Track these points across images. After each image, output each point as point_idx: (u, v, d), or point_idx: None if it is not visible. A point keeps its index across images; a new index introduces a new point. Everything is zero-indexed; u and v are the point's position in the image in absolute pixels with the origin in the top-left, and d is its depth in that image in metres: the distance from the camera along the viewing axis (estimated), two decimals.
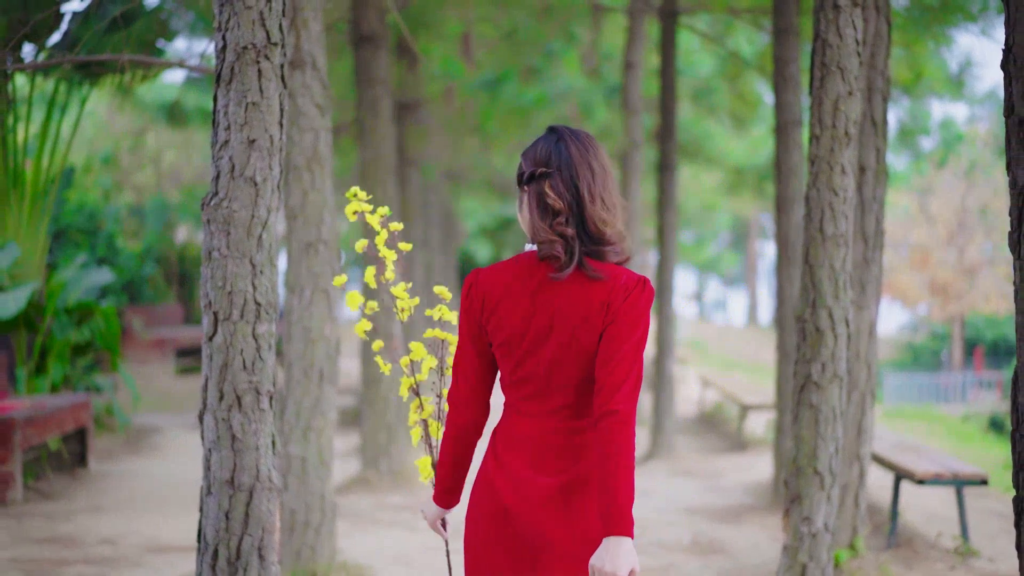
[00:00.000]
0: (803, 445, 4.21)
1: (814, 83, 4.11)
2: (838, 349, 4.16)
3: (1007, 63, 2.45)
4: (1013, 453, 2.48)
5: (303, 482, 5.07)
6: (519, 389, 2.49)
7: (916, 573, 5.66)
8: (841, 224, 4.12)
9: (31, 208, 9.48)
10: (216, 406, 3.16)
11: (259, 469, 3.18)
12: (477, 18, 10.41)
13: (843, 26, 4.04)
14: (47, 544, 6.18)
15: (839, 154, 4.08)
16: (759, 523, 6.95)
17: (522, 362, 2.46)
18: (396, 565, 5.81)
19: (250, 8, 3.13)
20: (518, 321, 2.44)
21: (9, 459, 7.07)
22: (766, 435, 10.44)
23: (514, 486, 2.45)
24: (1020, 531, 2.49)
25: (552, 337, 2.43)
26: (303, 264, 5.09)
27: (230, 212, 3.15)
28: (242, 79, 3.13)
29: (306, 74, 4.95)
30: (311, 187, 5.05)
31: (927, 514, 7.12)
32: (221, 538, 3.16)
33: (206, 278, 3.17)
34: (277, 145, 3.18)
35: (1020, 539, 2.50)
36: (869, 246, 5.51)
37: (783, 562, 4.27)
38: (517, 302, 2.44)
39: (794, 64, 7.26)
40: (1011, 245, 2.45)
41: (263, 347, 3.19)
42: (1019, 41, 2.40)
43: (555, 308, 2.43)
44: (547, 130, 2.52)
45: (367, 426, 8.12)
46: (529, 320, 2.44)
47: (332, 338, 5.13)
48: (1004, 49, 2.46)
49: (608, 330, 2.41)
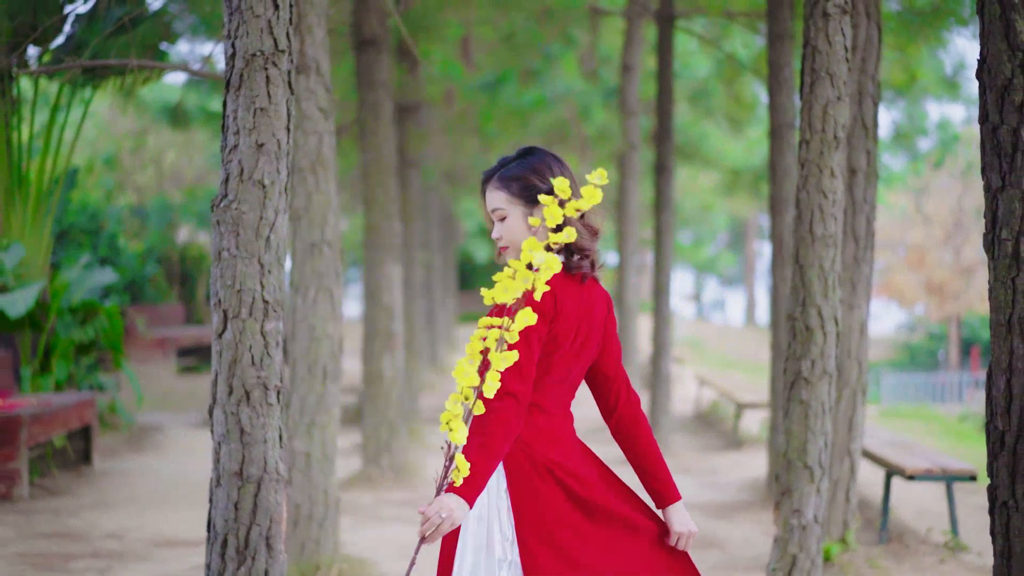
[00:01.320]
0: (793, 440, 4.33)
1: (804, 88, 4.23)
2: (827, 347, 4.28)
3: (981, 73, 2.57)
4: (988, 444, 2.61)
5: (307, 476, 5.20)
6: (567, 391, 2.70)
7: (906, 567, 5.79)
8: (830, 225, 4.24)
9: (35, 209, 9.59)
10: (225, 400, 3.27)
11: (267, 461, 3.30)
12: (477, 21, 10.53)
13: (832, 33, 4.15)
14: (54, 539, 6.30)
15: (828, 157, 4.20)
16: (753, 518, 7.07)
17: (572, 365, 2.66)
18: (398, 559, 5.93)
19: (259, 17, 3.24)
20: (574, 325, 2.63)
21: (15, 456, 7.18)
22: (761, 433, 10.56)
23: (582, 482, 2.63)
24: (994, 518, 2.62)
25: (591, 339, 2.68)
26: (307, 264, 5.21)
27: (239, 214, 3.26)
28: (251, 85, 3.24)
29: (310, 79, 5.07)
30: (315, 189, 5.18)
31: (919, 510, 7.25)
32: (230, 528, 3.27)
33: (216, 277, 3.29)
34: (284, 149, 3.30)
35: (994, 526, 2.63)
36: (860, 246, 5.64)
37: (774, 554, 4.39)
38: (572, 307, 2.63)
39: (788, 68, 7.38)
40: (986, 246, 2.57)
41: (271, 344, 3.30)
42: (992, 52, 2.52)
43: (592, 313, 2.67)
44: (534, 149, 2.74)
45: (369, 423, 8.24)
46: (579, 324, 2.64)
47: (336, 336, 5.25)
48: (979, 60, 2.58)
49: (611, 329, 2.73)
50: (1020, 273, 2.51)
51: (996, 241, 2.53)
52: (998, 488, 2.59)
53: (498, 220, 2.69)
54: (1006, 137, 2.51)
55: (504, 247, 2.69)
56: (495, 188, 2.68)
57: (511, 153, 2.77)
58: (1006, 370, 2.54)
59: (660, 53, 10.05)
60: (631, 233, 11.16)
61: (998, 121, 2.52)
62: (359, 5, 7.66)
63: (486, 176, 2.74)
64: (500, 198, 2.67)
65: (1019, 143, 2.49)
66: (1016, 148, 2.49)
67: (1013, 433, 2.54)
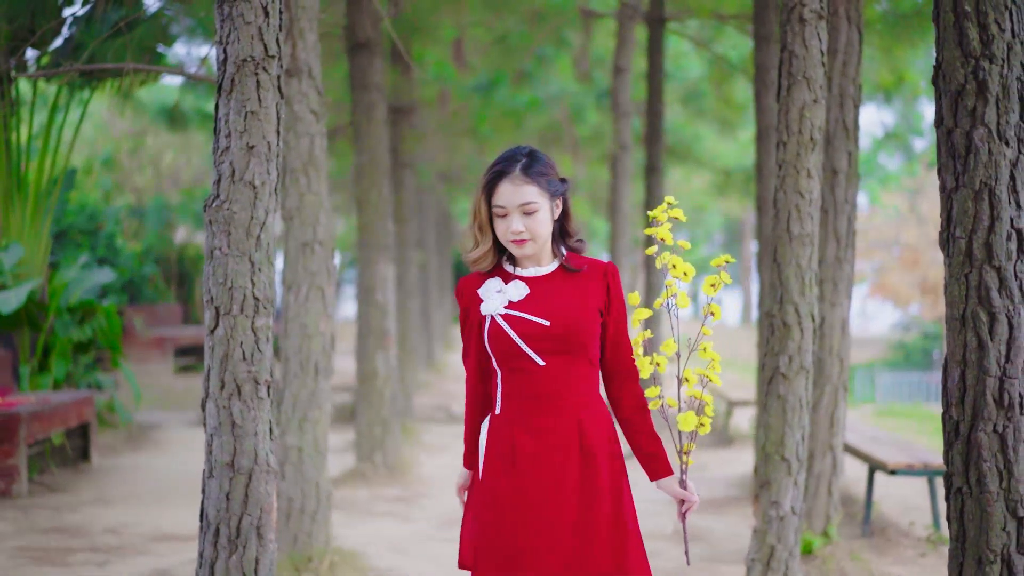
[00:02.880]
0: (771, 433, 4.45)
1: (781, 91, 4.35)
2: (804, 343, 4.40)
3: (937, 78, 2.69)
4: (944, 433, 2.73)
5: (299, 471, 5.31)
6: None
7: (887, 560, 5.91)
8: (807, 225, 4.36)
9: (34, 209, 9.70)
10: (217, 394, 3.39)
11: (257, 453, 3.41)
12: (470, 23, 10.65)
13: (808, 38, 4.27)
14: (53, 534, 6.41)
15: (805, 159, 4.32)
16: (740, 513, 7.19)
17: None
18: (390, 552, 6.05)
19: (249, 24, 3.36)
20: None
21: (14, 453, 7.29)
22: (751, 430, 10.68)
23: None
24: (950, 504, 2.74)
25: None
26: (300, 263, 5.33)
27: (231, 214, 3.38)
28: (242, 89, 3.36)
29: (302, 82, 5.19)
30: (307, 189, 5.30)
31: (902, 504, 7.38)
32: (222, 517, 3.39)
33: (208, 275, 3.40)
34: (274, 151, 3.41)
35: (950, 511, 2.75)
36: (841, 246, 5.76)
37: (753, 544, 4.51)
38: None
39: (775, 70, 7.49)
40: (941, 244, 2.69)
41: (261, 339, 3.41)
42: (947, 59, 2.64)
43: None
44: (533, 149, 2.86)
45: (362, 421, 8.35)
46: None
47: (327, 333, 5.37)
48: (934, 66, 2.71)
49: None
50: (973, 270, 2.63)
51: (951, 239, 2.66)
52: (954, 475, 2.71)
53: (525, 213, 2.74)
54: (959, 140, 2.63)
55: (525, 239, 2.76)
56: (525, 182, 2.74)
57: (502, 152, 2.86)
58: (960, 362, 2.66)
59: (650, 56, 10.18)
60: (623, 232, 11.29)
61: (952, 124, 2.64)
62: (352, 8, 7.78)
63: (505, 170, 2.77)
64: (532, 192, 2.74)
65: (972, 146, 2.61)
66: (969, 150, 2.61)
67: (967, 423, 2.67)
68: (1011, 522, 2.63)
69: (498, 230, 2.79)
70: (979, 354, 2.64)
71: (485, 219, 2.79)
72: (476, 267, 2.86)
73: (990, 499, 2.63)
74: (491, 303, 2.80)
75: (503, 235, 2.77)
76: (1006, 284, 2.62)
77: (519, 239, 2.76)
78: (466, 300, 2.85)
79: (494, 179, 2.76)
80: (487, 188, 2.77)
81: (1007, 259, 2.60)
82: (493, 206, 2.77)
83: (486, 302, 2.81)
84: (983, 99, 2.59)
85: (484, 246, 2.81)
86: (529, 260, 2.83)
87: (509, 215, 2.75)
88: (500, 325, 2.76)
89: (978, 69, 2.58)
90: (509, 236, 2.76)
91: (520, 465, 2.71)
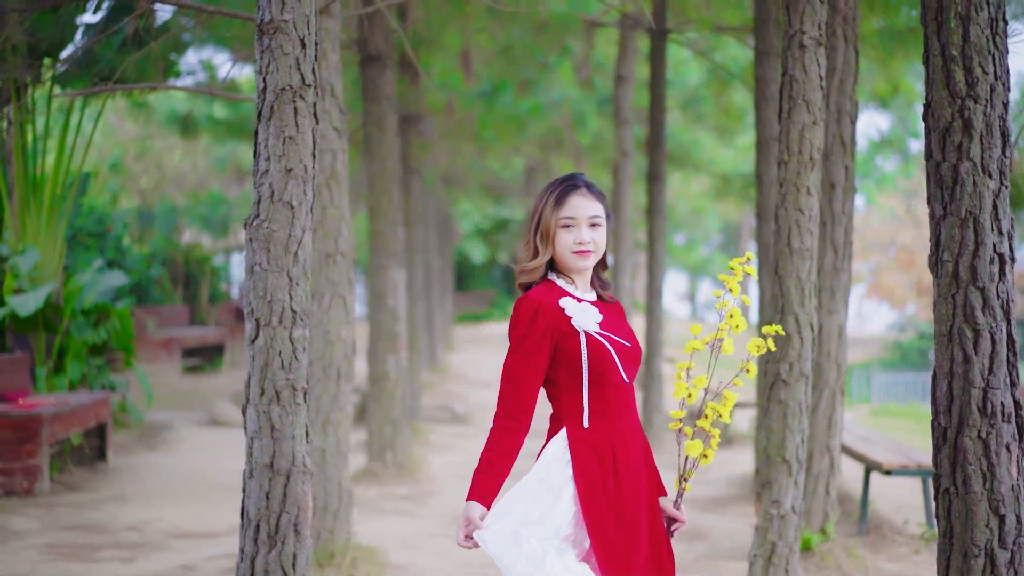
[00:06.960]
0: (773, 436, 4.71)
1: (782, 114, 4.60)
2: (804, 350, 4.66)
3: (926, 116, 2.95)
4: (932, 438, 2.99)
5: (322, 471, 5.56)
6: None
7: (882, 556, 6.17)
8: (807, 239, 4.62)
9: (49, 214, 9.92)
10: (258, 400, 3.63)
11: (295, 455, 3.65)
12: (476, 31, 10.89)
13: (808, 63, 4.53)
14: (78, 531, 6.65)
15: (805, 177, 4.57)
16: (740, 512, 7.45)
17: None
18: (403, 548, 6.30)
19: (287, 55, 3.60)
20: None
21: (37, 453, 7.53)
22: (750, 431, 10.94)
23: None
24: (939, 503, 3.00)
25: None
26: (323, 273, 5.57)
27: (270, 232, 3.61)
28: (280, 116, 3.60)
29: (325, 100, 5.43)
30: (330, 203, 5.54)
31: (897, 503, 7.64)
32: (262, 515, 3.63)
33: (248, 289, 3.64)
34: (310, 173, 3.66)
35: (939, 509, 3.01)
36: (838, 256, 6.02)
37: (755, 542, 4.76)
38: None
39: (774, 84, 7.71)
40: (930, 266, 2.95)
41: (298, 349, 3.65)
42: (936, 98, 2.90)
43: None
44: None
45: (374, 421, 8.59)
46: None
47: (348, 340, 5.61)
48: (924, 104, 2.96)
49: None
50: (959, 290, 2.89)
51: (939, 262, 2.91)
52: (941, 477, 2.97)
53: (590, 227, 2.83)
54: (947, 172, 2.89)
55: (590, 251, 2.83)
56: (595, 199, 2.85)
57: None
58: (947, 374, 2.92)
59: (652, 65, 10.43)
60: (625, 236, 11.54)
61: (940, 158, 2.90)
62: (365, 22, 8.01)
63: (576, 185, 2.86)
64: (599, 208, 2.85)
65: (958, 178, 2.87)
66: (955, 182, 2.87)
67: (954, 429, 2.93)
68: (994, 519, 2.89)
69: (561, 241, 2.82)
70: (965, 367, 2.89)
71: (552, 230, 2.83)
72: (528, 278, 2.87)
73: (975, 498, 2.89)
74: (582, 318, 2.81)
75: (567, 245, 2.81)
76: (989, 303, 2.87)
77: (584, 250, 2.82)
78: (550, 314, 2.79)
79: (565, 191, 2.84)
80: (558, 199, 2.83)
81: (990, 281, 2.86)
82: (561, 217, 2.82)
83: (576, 317, 2.80)
84: (968, 135, 2.85)
85: (544, 256, 2.84)
86: (580, 281, 2.88)
87: (577, 226, 2.82)
88: (599, 340, 2.79)
89: (964, 108, 2.84)
90: (574, 247, 2.82)
91: (621, 474, 2.79)
